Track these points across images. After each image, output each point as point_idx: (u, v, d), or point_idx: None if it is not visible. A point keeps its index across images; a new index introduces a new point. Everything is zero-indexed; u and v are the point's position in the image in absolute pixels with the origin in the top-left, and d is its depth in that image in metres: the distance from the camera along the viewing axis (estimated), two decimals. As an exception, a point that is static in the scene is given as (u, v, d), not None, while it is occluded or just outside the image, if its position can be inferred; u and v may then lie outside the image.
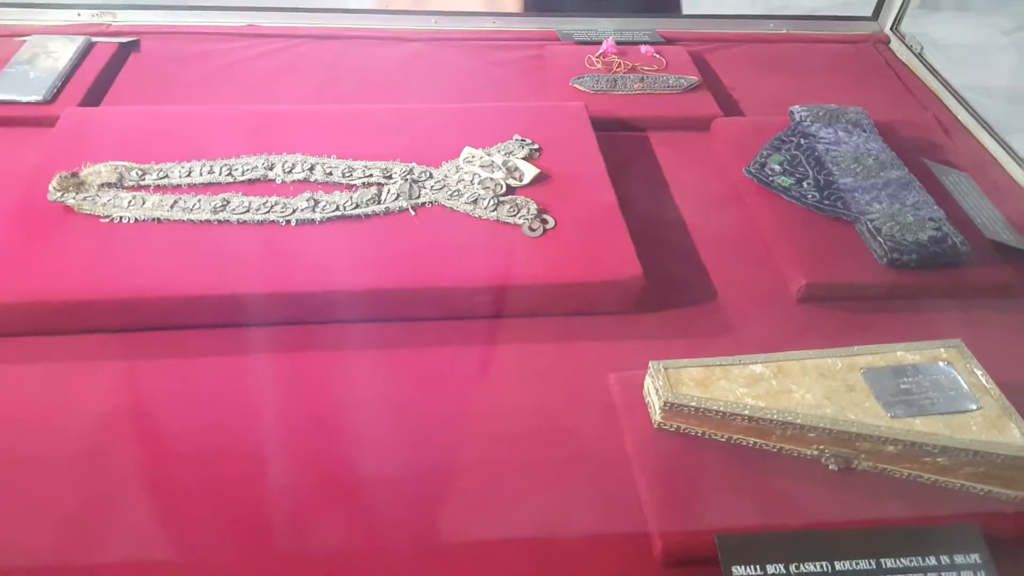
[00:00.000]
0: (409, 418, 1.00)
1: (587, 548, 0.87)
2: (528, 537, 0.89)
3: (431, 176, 1.26)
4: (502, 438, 0.98)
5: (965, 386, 0.92)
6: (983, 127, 1.62)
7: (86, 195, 1.17)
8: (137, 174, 1.23)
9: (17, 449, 0.93)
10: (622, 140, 1.49)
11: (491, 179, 1.25)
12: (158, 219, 1.15)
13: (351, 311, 1.09)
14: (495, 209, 1.21)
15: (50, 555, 0.83)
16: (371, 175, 1.25)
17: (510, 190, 1.25)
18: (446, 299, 1.11)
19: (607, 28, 1.80)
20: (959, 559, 0.82)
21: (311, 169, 1.25)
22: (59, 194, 1.16)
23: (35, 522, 0.86)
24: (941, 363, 0.95)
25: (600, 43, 1.70)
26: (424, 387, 1.04)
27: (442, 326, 1.11)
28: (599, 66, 1.64)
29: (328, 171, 1.25)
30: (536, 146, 1.35)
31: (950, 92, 1.73)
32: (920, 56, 1.84)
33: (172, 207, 1.17)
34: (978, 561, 0.82)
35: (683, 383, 0.93)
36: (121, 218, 1.15)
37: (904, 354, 0.95)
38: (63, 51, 1.54)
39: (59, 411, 0.97)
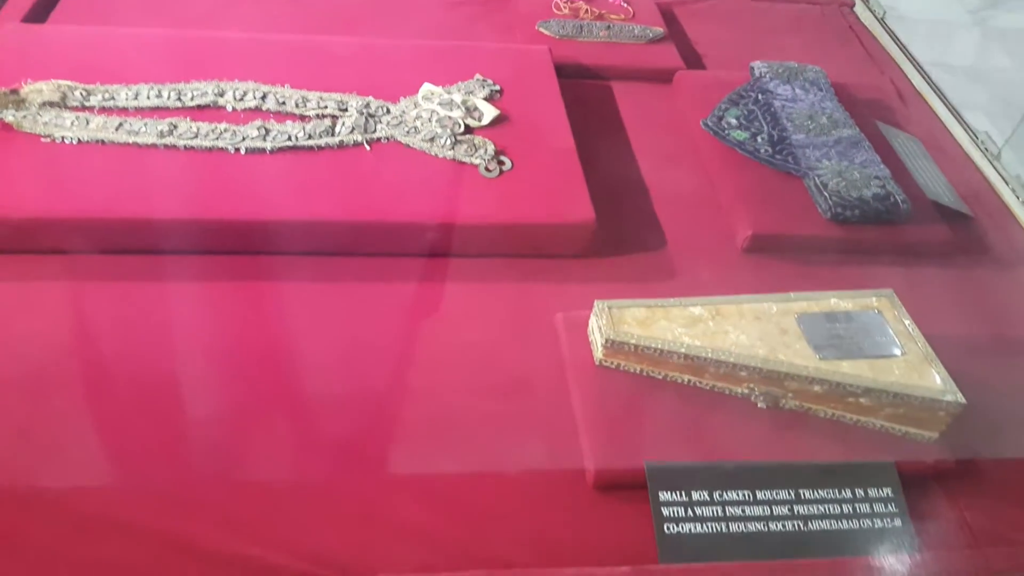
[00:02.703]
0: (355, 350, 1.01)
1: (526, 475, 0.90)
2: (469, 464, 0.91)
3: (388, 111, 1.25)
4: (449, 372, 1.00)
5: (892, 333, 0.96)
6: (937, 94, 1.66)
7: (26, 113, 1.14)
8: (81, 94, 1.19)
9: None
10: (584, 87, 1.49)
11: (449, 117, 1.25)
12: (102, 141, 1.13)
13: (299, 242, 1.09)
14: (452, 148, 1.21)
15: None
16: (326, 107, 1.23)
17: (468, 130, 1.25)
18: (398, 234, 1.11)
19: (576, -26, 1.78)
20: (873, 493, 0.87)
21: (263, 98, 1.23)
22: (-2, 111, 1.12)
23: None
24: (872, 311, 0.98)
25: (568, -12, 1.69)
26: (372, 320, 1.05)
27: (394, 262, 1.12)
28: (566, 11, 1.63)
29: (281, 100, 1.23)
30: (497, 87, 1.34)
31: (908, 59, 1.76)
32: (882, 21, 1.87)
33: (117, 129, 1.14)
34: (890, 495, 0.87)
35: (625, 322, 0.95)
36: (63, 138, 1.12)
37: (837, 301, 0.99)
38: (9, -36, 1.48)
39: (-1, 329, 0.96)
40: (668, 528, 0.82)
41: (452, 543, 0.83)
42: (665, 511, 0.83)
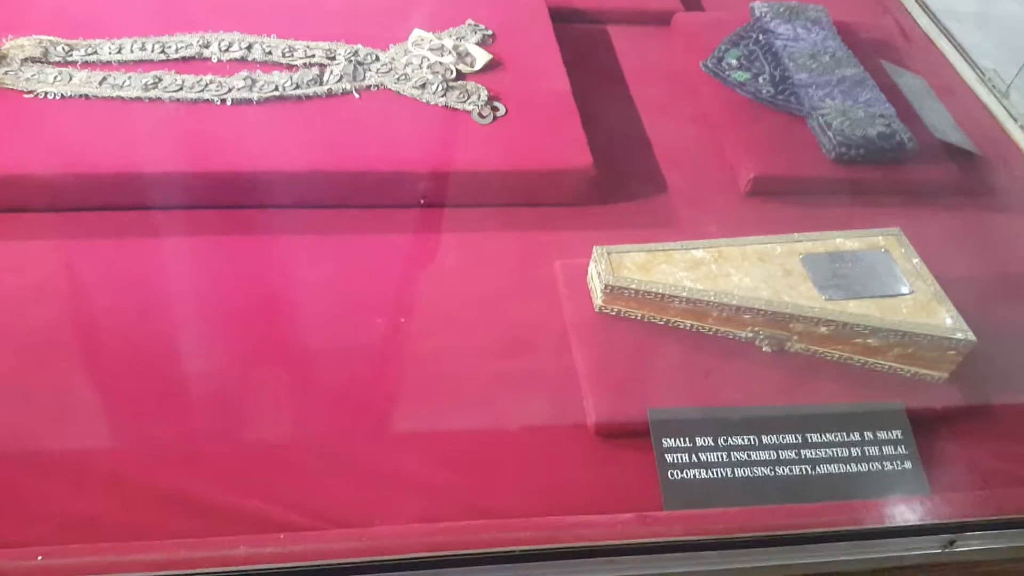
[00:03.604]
0: (350, 303, 0.99)
1: (527, 424, 0.88)
2: (469, 415, 0.89)
3: (377, 59, 1.21)
4: (446, 323, 0.98)
5: (900, 272, 0.94)
6: (942, 33, 1.61)
7: (8, 69, 1.11)
8: (64, 49, 1.16)
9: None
10: (579, 32, 1.44)
11: (440, 63, 1.21)
12: (86, 95, 1.09)
13: (289, 194, 1.06)
14: (444, 94, 1.17)
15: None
16: (313, 55, 1.19)
17: (460, 76, 1.21)
18: (391, 184, 1.08)
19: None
20: (882, 435, 0.85)
21: (249, 48, 1.19)
22: (-22, 67, 1.09)
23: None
24: (879, 250, 0.96)
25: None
26: (366, 273, 1.02)
27: (387, 213, 1.09)
28: (559, -45, 1.57)
29: (267, 50, 1.19)
30: (489, 32, 1.30)
31: (913, -4, 1.70)
32: (885, -42, 1.80)
33: (101, 84, 1.11)
34: (900, 437, 0.85)
35: (625, 267, 0.93)
36: (46, 94, 1.09)
37: (843, 241, 0.96)
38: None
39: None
40: (672, 475, 0.80)
41: (452, 494, 0.82)
42: (669, 457, 0.81)
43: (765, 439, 0.82)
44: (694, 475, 0.80)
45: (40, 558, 0.68)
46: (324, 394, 0.91)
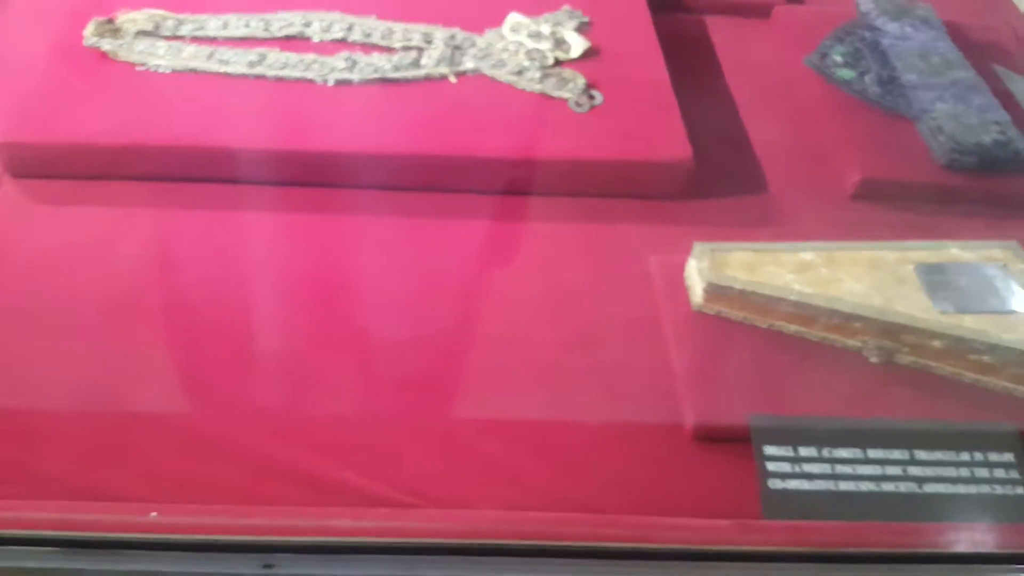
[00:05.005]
0: (437, 289, 0.98)
1: (618, 423, 0.87)
2: (557, 409, 0.89)
3: (474, 43, 1.20)
4: (534, 315, 0.97)
5: (1018, 288, 0.89)
6: (1057, 35, 1.53)
7: (122, 42, 1.14)
8: (173, 24, 1.18)
9: (47, 290, 0.92)
10: (677, 22, 1.41)
11: (537, 50, 1.20)
12: (194, 70, 1.12)
13: (386, 176, 1.06)
14: (540, 81, 1.16)
15: (81, 399, 0.83)
16: (411, 38, 1.19)
17: (556, 63, 1.20)
18: (485, 170, 1.07)
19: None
20: (993, 457, 0.81)
21: (349, 29, 1.19)
22: (95, 39, 1.12)
23: (66, 364, 0.86)
24: (995, 263, 0.92)
25: (659, -82, 1.59)
26: (456, 259, 1.02)
27: (479, 199, 1.08)
28: (656, -58, 1.54)
29: (367, 32, 1.19)
30: (586, 19, 1.28)
31: (1027, -4, 1.62)
32: (998, -45, 1.72)
33: (208, 59, 1.13)
34: (1012, 460, 0.81)
35: (729, 266, 0.90)
36: (157, 67, 1.12)
37: (958, 252, 0.92)
38: None
39: (91, 255, 0.96)
40: (773, 484, 0.78)
41: (543, 486, 0.82)
42: (770, 466, 0.79)
43: (871, 453, 0.80)
44: (796, 486, 0.78)
45: (154, 515, 0.70)
46: (408, 377, 0.91)
